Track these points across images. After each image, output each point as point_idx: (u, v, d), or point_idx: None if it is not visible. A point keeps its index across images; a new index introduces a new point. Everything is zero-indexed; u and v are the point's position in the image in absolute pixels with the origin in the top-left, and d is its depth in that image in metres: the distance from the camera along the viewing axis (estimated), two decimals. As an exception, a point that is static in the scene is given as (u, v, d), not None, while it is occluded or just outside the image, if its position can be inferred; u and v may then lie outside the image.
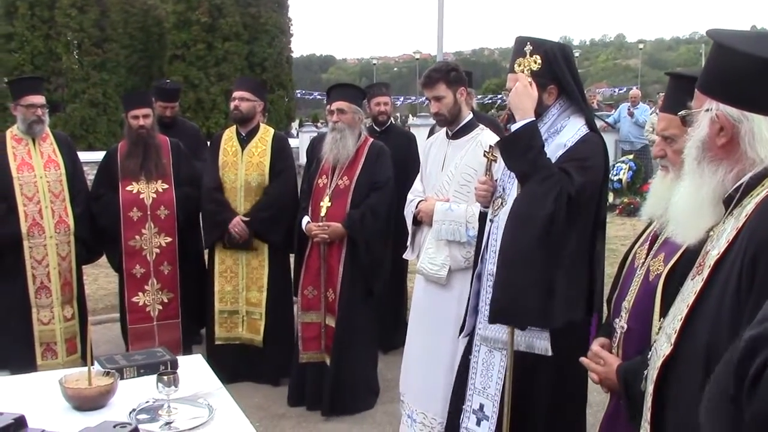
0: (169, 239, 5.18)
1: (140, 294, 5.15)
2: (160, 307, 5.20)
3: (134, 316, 5.16)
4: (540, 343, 2.88)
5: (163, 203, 5.14)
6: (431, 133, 5.81)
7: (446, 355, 3.82)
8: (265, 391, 5.12)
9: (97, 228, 5.24)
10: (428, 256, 3.91)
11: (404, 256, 4.42)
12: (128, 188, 5.11)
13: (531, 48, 2.87)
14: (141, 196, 5.11)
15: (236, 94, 5.26)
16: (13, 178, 4.85)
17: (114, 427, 1.33)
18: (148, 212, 5.11)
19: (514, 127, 2.80)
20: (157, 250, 5.16)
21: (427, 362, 3.93)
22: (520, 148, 2.77)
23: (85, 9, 25.38)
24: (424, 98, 4.57)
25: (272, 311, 5.20)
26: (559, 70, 2.89)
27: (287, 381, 5.03)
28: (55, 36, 25.31)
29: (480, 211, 3.35)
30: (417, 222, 4.10)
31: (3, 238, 4.83)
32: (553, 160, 2.78)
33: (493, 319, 2.83)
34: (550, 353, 2.86)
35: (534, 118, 2.79)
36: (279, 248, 5.26)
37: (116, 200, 5.11)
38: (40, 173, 4.92)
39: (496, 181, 3.20)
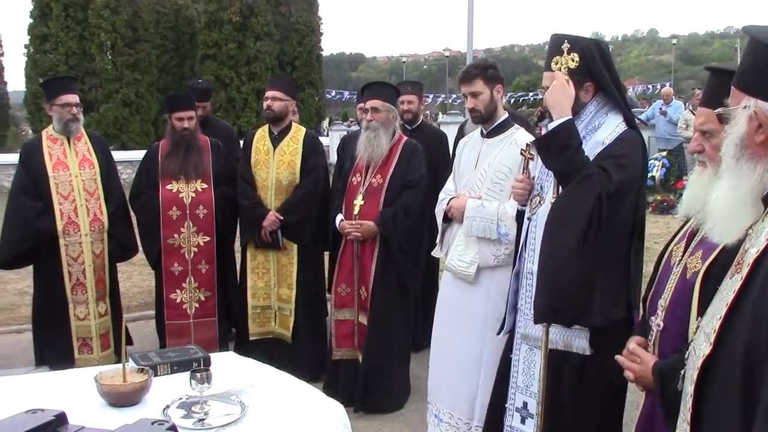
0: (207, 238, 5.23)
1: (177, 291, 5.21)
2: (197, 305, 5.25)
3: (171, 313, 5.22)
4: (578, 342, 2.86)
5: (201, 203, 5.19)
6: (460, 130, 5.78)
7: (473, 354, 3.80)
8: (296, 389, 5.13)
9: (138, 224, 5.31)
10: (457, 253, 3.89)
11: (433, 254, 4.41)
12: (168, 187, 5.16)
13: (568, 46, 2.84)
14: (180, 195, 5.16)
15: (269, 93, 5.28)
16: (49, 177, 4.92)
17: (152, 424, 1.34)
18: (187, 211, 5.16)
19: (551, 126, 2.77)
20: (195, 249, 5.20)
21: (454, 361, 3.91)
22: (557, 147, 2.74)
23: (117, 10, 25.73)
24: (454, 96, 4.55)
25: (302, 308, 5.23)
26: (597, 68, 2.86)
27: (319, 377, 5.05)
28: (89, 37, 25.69)
29: (518, 210, 3.32)
30: (447, 220, 4.08)
31: (40, 236, 4.91)
32: (591, 158, 2.76)
33: (538, 319, 2.81)
34: (588, 352, 2.84)
35: (571, 117, 2.76)
36: (309, 247, 5.28)
37: (156, 198, 5.16)
38: (75, 172, 4.99)
39: (533, 179, 3.18)
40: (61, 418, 1.34)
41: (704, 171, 2.22)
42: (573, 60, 2.82)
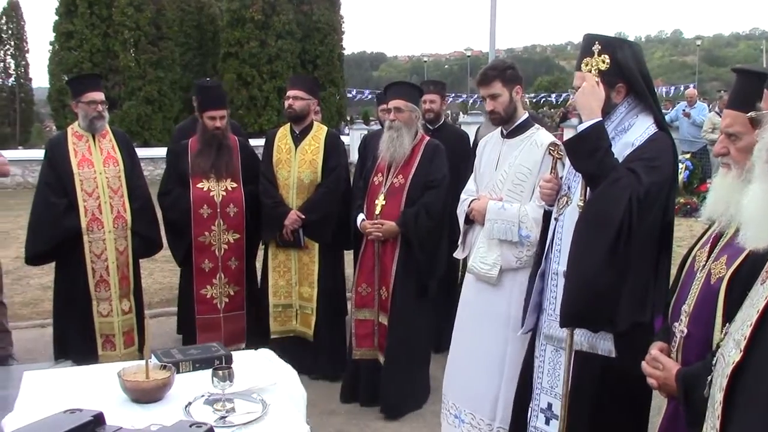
0: (237, 236, 5.26)
1: (208, 287, 5.25)
2: (227, 300, 5.29)
3: (202, 308, 5.26)
4: (603, 344, 2.84)
5: (232, 201, 5.23)
6: (476, 132, 5.77)
7: (495, 356, 3.78)
8: (315, 387, 5.14)
9: (164, 221, 5.34)
10: (479, 255, 3.88)
11: (455, 255, 4.40)
12: (199, 185, 5.19)
13: (599, 47, 2.82)
14: (211, 193, 5.19)
15: (290, 92, 5.29)
16: (74, 174, 4.96)
17: (190, 426, 1.36)
18: (218, 210, 5.19)
19: (580, 128, 2.75)
20: (225, 246, 5.24)
21: (476, 363, 3.89)
22: (586, 149, 2.72)
23: (141, 7, 25.90)
24: (475, 96, 4.54)
25: (323, 307, 5.24)
26: (627, 69, 2.84)
27: (339, 376, 5.06)
28: (113, 34, 25.87)
29: (544, 210, 3.31)
30: (469, 221, 4.07)
31: (63, 232, 4.95)
32: (620, 159, 2.73)
33: (564, 323, 2.80)
34: (614, 354, 2.82)
35: (601, 119, 2.74)
36: (329, 247, 5.29)
37: (185, 196, 5.19)
38: (99, 169, 5.02)
39: (561, 179, 3.16)
40: (98, 419, 1.36)
41: (728, 173, 2.20)
42: (603, 62, 2.80)
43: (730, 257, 2.14)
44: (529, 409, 3.22)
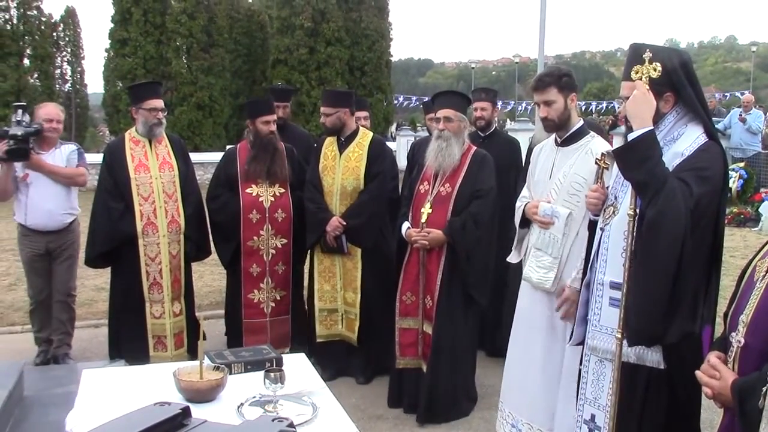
0: (284, 241, 5.37)
1: (255, 291, 5.36)
2: (273, 304, 5.40)
3: (249, 312, 5.37)
4: (652, 355, 2.80)
5: (280, 206, 5.33)
6: (531, 139, 5.72)
7: (552, 366, 3.74)
8: (362, 392, 5.19)
9: (211, 225, 5.45)
10: (535, 259, 3.84)
11: (508, 259, 4.32)
12: (248, 190, 5.30)
13: (650, 55, 2.78)
14: (260, 199, 5.30)
15: (321, 110, 5.44)
16: (131, 179, 5.09)
17: (272, 420, 1.41)
18: (266, 215, 5.29)
19: (631, 136, 2.71)
20: (273, 251, 5.35)
21: (532, 372, 3.86)
22: (637, 158, 2.68)
23: (194, 15, 26.31)
24: (523, 103, 4.49)
25: (366, 312, 5.28)
26: (678, 78, 2.80)
27: (384, 380, 5.07)
28: (166, 41, 26.32)
29: (590, 220, 3.27)
30: (525, 225, 3.99)
31: (121, 236, 5.08)
32: (670, 169, 2.70)
33: (635, 342, 2.76)
34: (662, 366, 2.78)
35: (652, 127, 2.70)
36: (374, 252, 5.31)
37: (234, 200, 5.31)
38: (155, 174, 5.14)
39: (607, 189, 3.13)
40: (185, 412, 1.42)
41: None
42: (655, 69, 2.76)
43: (791, 268, 2.11)
44: (575, 420, 3.19)
